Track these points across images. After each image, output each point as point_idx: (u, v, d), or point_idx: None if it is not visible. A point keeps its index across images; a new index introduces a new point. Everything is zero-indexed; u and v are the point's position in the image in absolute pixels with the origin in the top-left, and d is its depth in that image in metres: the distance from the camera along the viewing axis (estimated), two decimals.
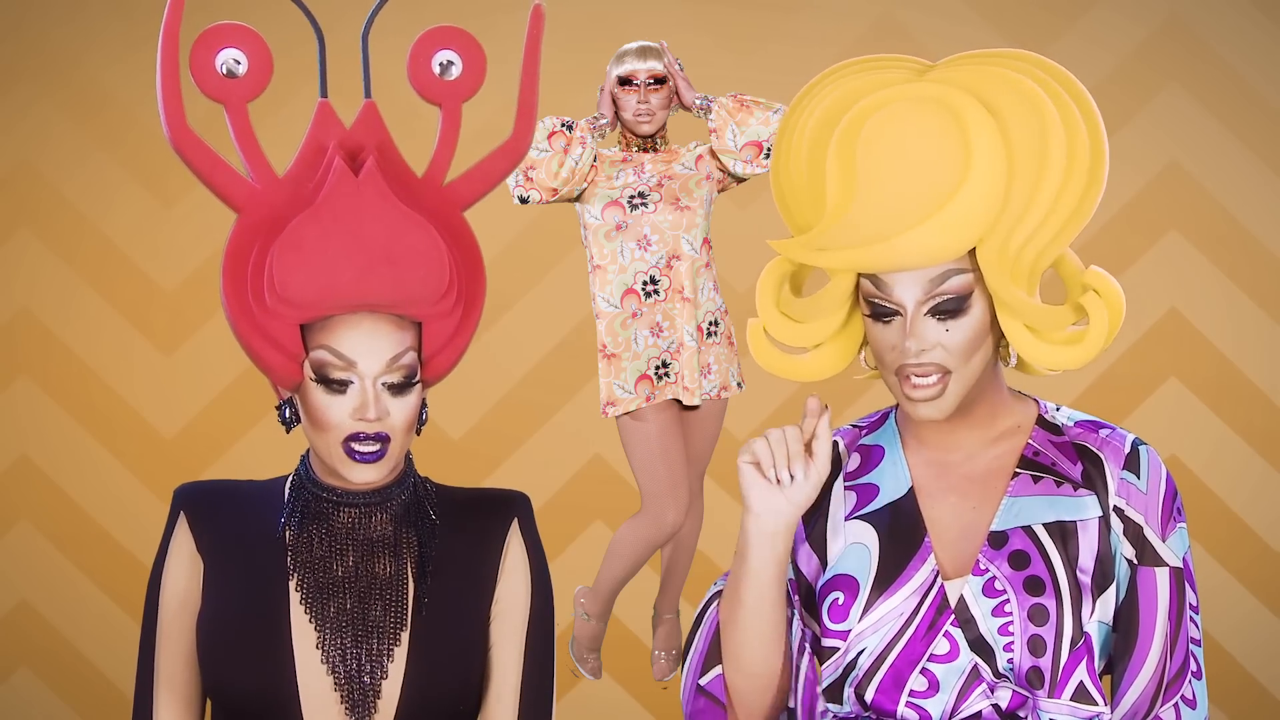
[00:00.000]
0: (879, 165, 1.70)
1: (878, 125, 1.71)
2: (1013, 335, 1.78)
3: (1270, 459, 5.19)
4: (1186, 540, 1.84)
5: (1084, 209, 1.74)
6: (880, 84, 1.75)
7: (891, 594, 1.81)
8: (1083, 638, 1.77)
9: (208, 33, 1.81)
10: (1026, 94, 1.72)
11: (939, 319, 1.75)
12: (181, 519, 1.90)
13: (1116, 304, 1.77)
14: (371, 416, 1.78)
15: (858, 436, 1.93)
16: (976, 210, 1.69)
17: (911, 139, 1.70)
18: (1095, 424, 1.87)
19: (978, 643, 1.77)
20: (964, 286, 1.74)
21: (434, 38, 1.87)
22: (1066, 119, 1.72)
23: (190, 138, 1.79)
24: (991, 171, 1.69)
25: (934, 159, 1.69)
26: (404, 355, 1.80)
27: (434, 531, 1.89)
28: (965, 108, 1.70)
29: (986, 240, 1.72)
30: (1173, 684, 1.80)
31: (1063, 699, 1.77)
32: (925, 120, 1.70)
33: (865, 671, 1.81)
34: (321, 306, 1.76)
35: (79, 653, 5.13)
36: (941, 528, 1.83)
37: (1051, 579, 1.78)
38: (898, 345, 1.76)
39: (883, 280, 1.75)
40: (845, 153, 1.72)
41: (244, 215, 1.80)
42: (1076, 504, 1.81)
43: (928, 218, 1.69)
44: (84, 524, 5.16)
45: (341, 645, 1.84)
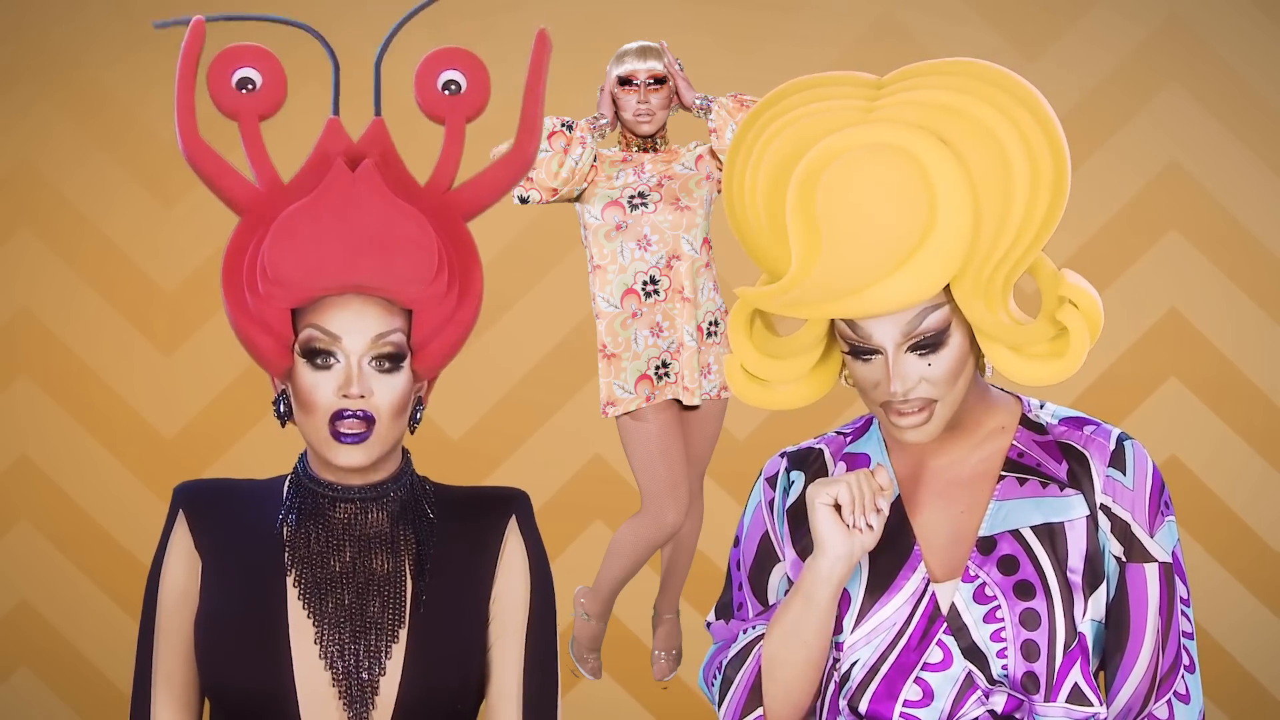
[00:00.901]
0: (843, 219, 1.66)
1: (837, 179, 1.66)
2: (994, 357, 1.76)
3: (1270, 459, 5.19)
4: (1176, 534, 1.84)
5: (1052, 218, 1.70)
6: (829, 125, 1.70)
7: (884, 603, 1.81)
8: (1076, 639, 1.77)
9: (225, 52, 1.87)
10: (978, 120, 1.67)
11: (920, 354, 1.73)
12: (180, 517, 1.91)
13: (1094, 315, 1.73)
14: (355, 392, 1.79)
15: (843, 444, 1.93)
16: (947, 253, 1.67)
17: (873, 190, 1.66)
18: (1080, 420, 1.86)
19: (971, 650, 1.77)
20: (942, 321, 1.73)
21: (441, 58, 1.91)
22: (1024, 136, 1.67)
23: (202, 148, 1.85)
24: (958, 213, 1.66)
25: (898, 209, 1.66)
26: (390, 335, 1.81)
27: (432, 529, 1.90)
28: (922, 150, 1.66)
29: (960, 275, 1.70)
30: (1165, 680, 1.80)
31: (1058, 702, 1.77)
32: (885, 170, 1.66)
33: (859, 683, 1.81)
34: (311, 287, 1.79)
35: (79, 653, 5.13)
36: (929, 533, 1.83)
37: (1041, 582, 1.78)
38: (880, 382, 1.75)
39: (859, 325, 1.74)
40: (805, 207, 1.68)
41: (247, 217, 1.85)
42: (1063, 504, 1.80)
43: (898, 268, 1.67)
44: (84, 524, 5.15)
45: (339, 641, 1.84)
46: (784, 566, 1.90)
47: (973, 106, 1.68)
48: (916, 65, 1.75)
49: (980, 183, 1.67)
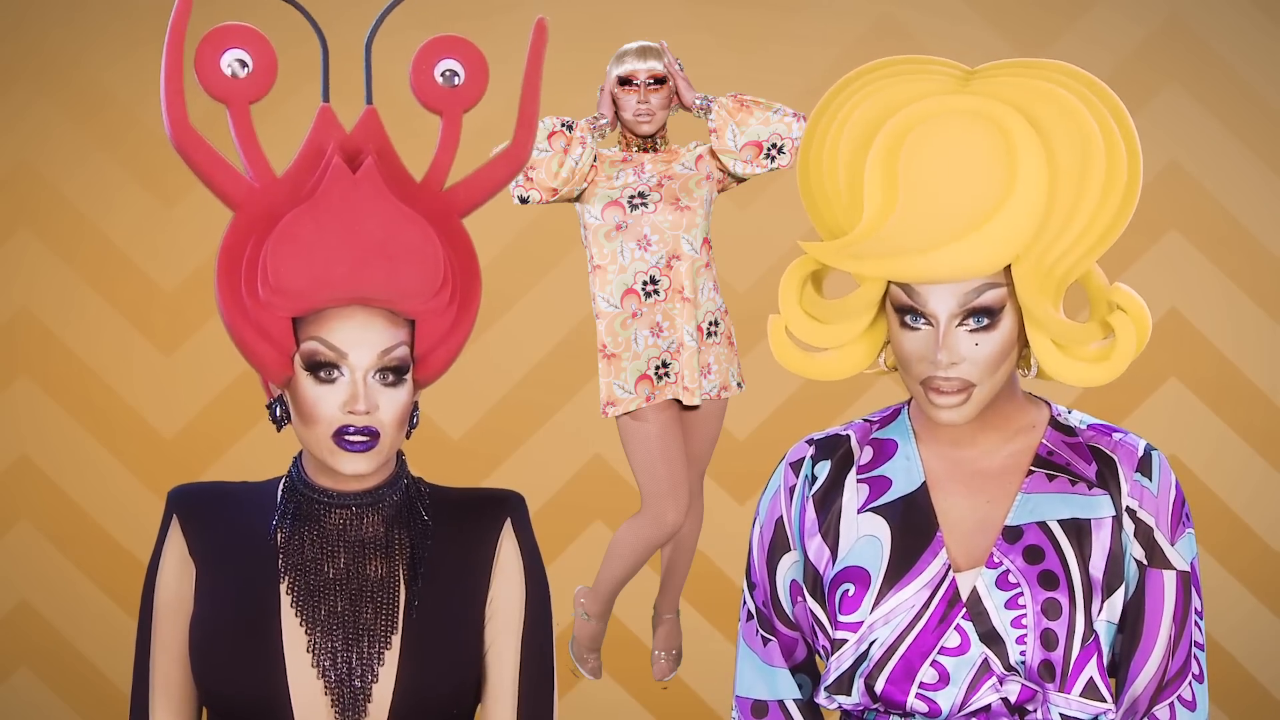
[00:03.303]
0: (923, 177, 1.70)
1: (923, 137, 1.71)
2: (1039, 350, 1.78)
3: (1270, 459, 5.19)
4: (1195, 546, 1.86)
5: (1117, 225, 1.74)
6: (922, 92, 1.75)
7: (903, 586, 1.82)
8: (1093, 636, 1.79)
9: (213, 33, 1.82)
10: (1070, 109, 1.72)
11: (970, 331, 1.75)
12: (174, 522, 1.90)
13: (1143, 322, 1.77)
14: (361, 409, 1.77)
15: (870, 430, 1.94)
16: (1019, 227, 1.70)
17: (958, 152, 1.70)
18: (1108, 428, 1.89)
19: (989, 635, 1.78)
20: (998, 300, 1.75)
21: (437, 47, 1.88)
22: (1107, 135, 1.73)
23: (191, 135, 1.80)
24: (1036, 188, 1.70)
25: (980, 174, 1.70)
26: (396, 349, 1.79)
27: (426, 533, 1.88)
28: (1011, 123, 1.71)
29: (1024, 256, 1.73)
30: (1170, 684, 1.81)
31: (1073, 694, 1.78)
32: (972, 135, 1.71)
33: (876, 662, 1.82)
34: (315, 298, 1.76)
35: (79, 653, 5.13)
36: (954, 521, 1.84)
37: (1065, 575, 1.79)
38: (926, 355, 1.77)
39: (916, 290, 1.76)
40: (888, 162, 1.72)
41: (241, 212, 1.80)
42: (1091, 503, 1.82)
43: (970, 232, 1.70)
44: (84, 524, 5.15)
45: (332, 648, 1.83)
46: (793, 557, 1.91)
47: (1066, 98, 1.73)
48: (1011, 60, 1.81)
49: (1061, 168, 1.71)
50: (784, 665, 1.96)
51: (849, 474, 1.90)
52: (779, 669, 1.96)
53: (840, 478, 1.90)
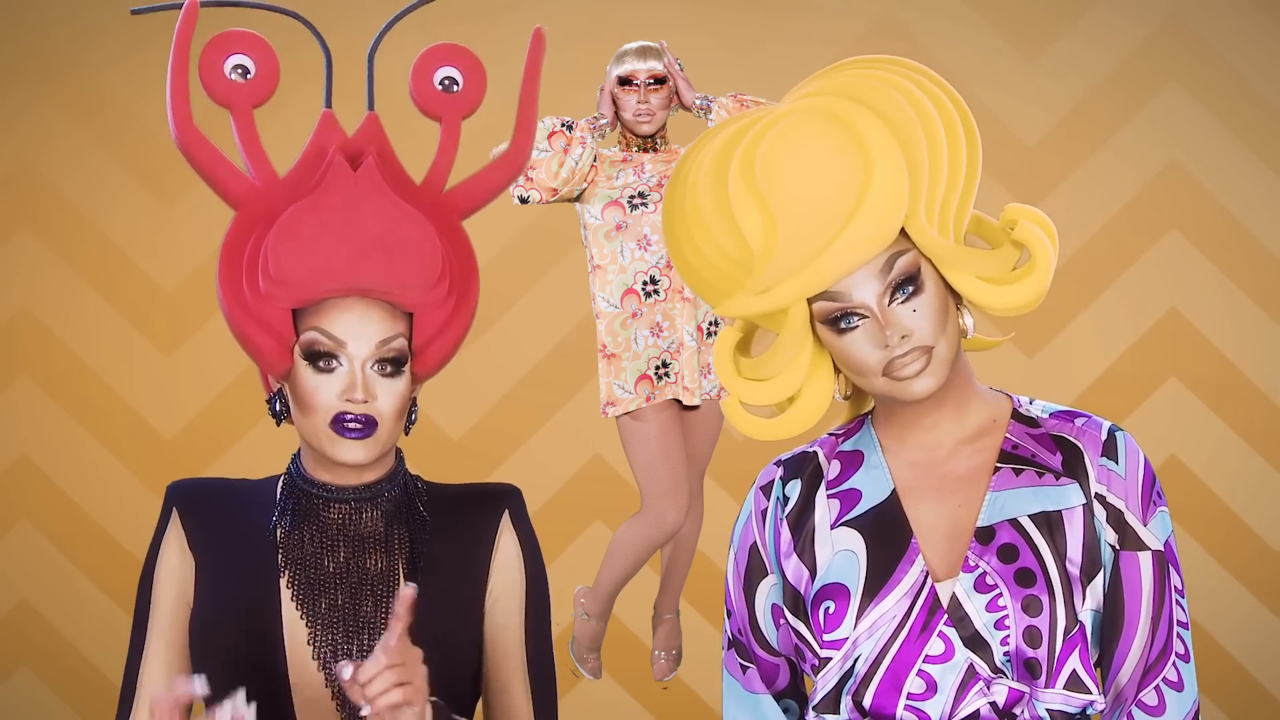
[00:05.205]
0: (787, 182, 1.75)
1: (771, 146, 1.76)
2: (969, 290, 1.81)
3: (1270, 459, 5.19)
4: (1169, 524, 1.85)
5: (974, 163, 1.80)
6: (756, 116, 1.82)
7: (883, 598, 1.82)
8: (1077, 626, 1.79)
9: (217, 38, 1.85)
10: (882, 80, 1.80)
11: (903, 303, 1.78)
12: (174, 516, 1.90)
13: (1046, 224, 1.82)
14: (359, 398, 1.79)
15: (836, 444, 1.94)
16: (891, 192, 1.75)
17: (808, 150, 1.76)
18: (1070, 414, 1.89)
19: (973, 640, 1.78)
20: (912, 264, 1.78)
21: (437, 54, 1.91)
22: (924, 89, 1.80)
23: (195, 135, 1.83)
24: (889, 151, 1.75)
25: (835, 161, 1.75)
26: (394, 340, 1.81)
27: (425, 528, 1.90)
28: (843, 110, 1.77)
29: (911, 213, 1.77)
30: (1154, 666, 1.81)
31: (1057, 688, 1.78)
32: (814, 130, 1.76)
33: (862, 678, 1.81)
34: (315, 289, 1.79)
35: (79, 653, 5.13)
36: (927, 528, 1.84)
37: (1042, 570, 1.79)
38: (875, 345, 1.78)
39: (838, 291, 1.78)
40: (748, 184, 1.76)
41: (242, 210, 1.83)
42: (1060, 493, 1.83)
43: (852, 216, 1.74)
44: (84, 524, 5.16)
45: (332, 641, 1.84)
46: (771, 580, 1.91)
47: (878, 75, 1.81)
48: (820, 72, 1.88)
49: (900, 128, 1.77)
50: (765, 691, 1.96)
51: (819, 490, 1.91)
52: (761, 695, 1.96)
53: (812, 494, 1.90)
